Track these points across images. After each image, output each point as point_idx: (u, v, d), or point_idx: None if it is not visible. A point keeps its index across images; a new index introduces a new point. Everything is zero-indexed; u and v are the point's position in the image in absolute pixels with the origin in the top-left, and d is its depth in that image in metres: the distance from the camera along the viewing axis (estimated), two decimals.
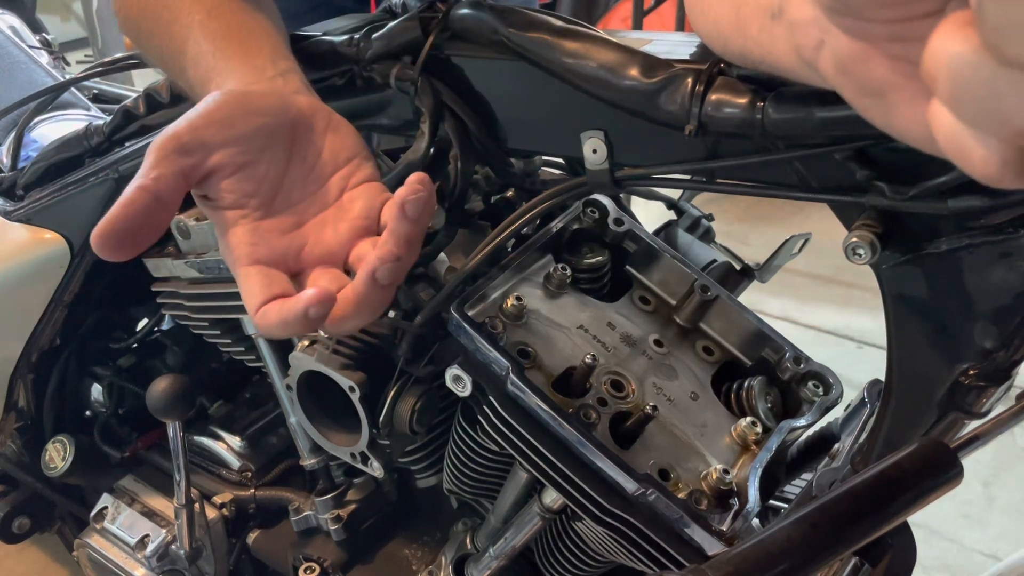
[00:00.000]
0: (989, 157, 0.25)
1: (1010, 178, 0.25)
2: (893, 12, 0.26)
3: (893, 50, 0.29)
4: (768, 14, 0.43)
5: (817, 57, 0.35)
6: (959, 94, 0.24)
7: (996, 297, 0.52)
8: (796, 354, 0.77)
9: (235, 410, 1.21)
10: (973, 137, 0.25)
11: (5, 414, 1.25)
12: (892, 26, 0.27)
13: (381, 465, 0.80)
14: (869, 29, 0.28)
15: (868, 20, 0.28)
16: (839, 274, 2.74)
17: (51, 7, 4.82)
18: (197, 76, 0.65)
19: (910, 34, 0.27)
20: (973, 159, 0.25)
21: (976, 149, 0.25)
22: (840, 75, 0.33)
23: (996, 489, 1.96)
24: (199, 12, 0.67)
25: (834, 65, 0.33)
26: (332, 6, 1.08)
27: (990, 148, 0.24)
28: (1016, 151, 0.24)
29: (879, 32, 0.28)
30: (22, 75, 1.57)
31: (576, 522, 0.75)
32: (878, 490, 0.44)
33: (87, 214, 1.05)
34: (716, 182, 0.62)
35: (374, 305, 0.53)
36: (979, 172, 0.25)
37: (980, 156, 0.25)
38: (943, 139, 0.26)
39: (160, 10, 0.70)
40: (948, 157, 0.26)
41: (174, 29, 0.68)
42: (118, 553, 1.13)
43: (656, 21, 3.37)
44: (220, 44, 0.65)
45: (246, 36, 0.66)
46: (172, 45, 0.69)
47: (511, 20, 0.66)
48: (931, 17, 0.25)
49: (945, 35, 0.23)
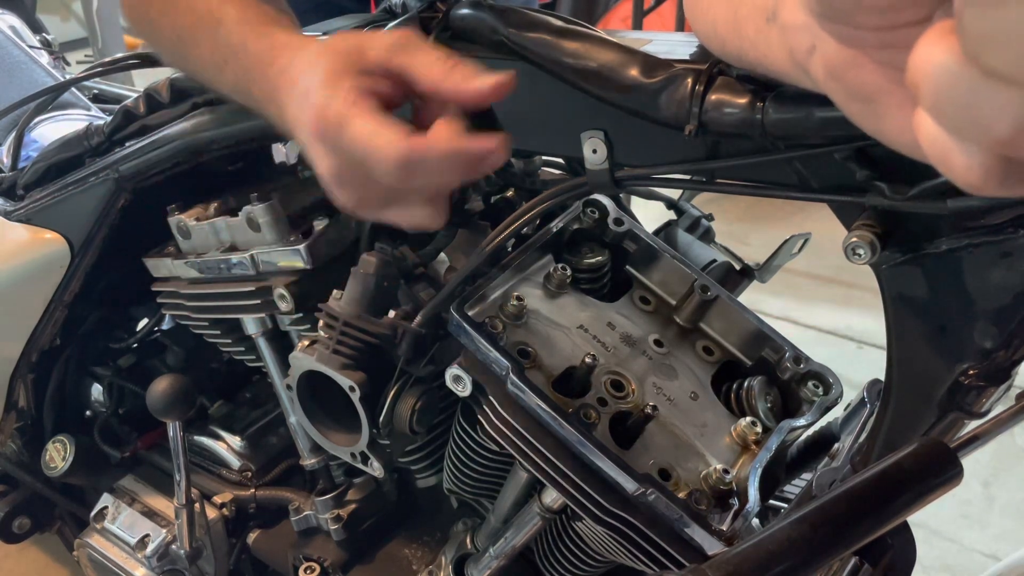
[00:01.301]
0: (971, 165, 0.25)
1: (992, 186, 0.25)
2: (881, 19, 0.27)
3: (882, 57, 0.29)
4: (764, 17, 0.43)
5: (809, 61, 0.35)
6: (941, 102, 0.24)
7: (996, 297, 0.52)
8: (796, 354, 0.77)
9: (235, 410, 1.21)
10: (955, 145, 0.25)
11: (5, 414, 1.25)
12: (881, 33, 0.27)
13: (381, 465, 0.80)
14: (859, 36, 0.29)
15: (858, 27, 0.28)
16: (839, 274, 2.74)
17: (51, 7, 4.82)
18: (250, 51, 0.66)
19: (898, 41, 0.27)
20: (956, 167, 0.25)
21: (959, 157, 0.25)
22: (830, 80, 0.33)
23: (996, 489, 1.96)
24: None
25: (825, 70, 0.33)
26: (332, 6, 1.08)
27: (972, 156, 0.24)
28: (997, 159, 0.24)
29: (868, 39, 0.28)
30: (22, 75, 1.57)
31: (576, 522, 0.75)
32: (878, 490, 0.44)
33: (87, 214, 1.05)
34: (716, 182, 0.62)
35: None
36: (962, 180, 0.25)
37: (962, 164, 0.25)
38: (927, 146, 0.26)
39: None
40: (933, 164, 0.26)
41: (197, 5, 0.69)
42: (118, 553, 1.13)
43: (656, 21, 3.37)
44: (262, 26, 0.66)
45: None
46: (195, 22, 0.70)
47: (511, 20, 0.66)
48: (919, 25, 0.25)
49: (929, 43, 0.24)
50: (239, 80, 0.66)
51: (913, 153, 0.29)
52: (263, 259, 0.90)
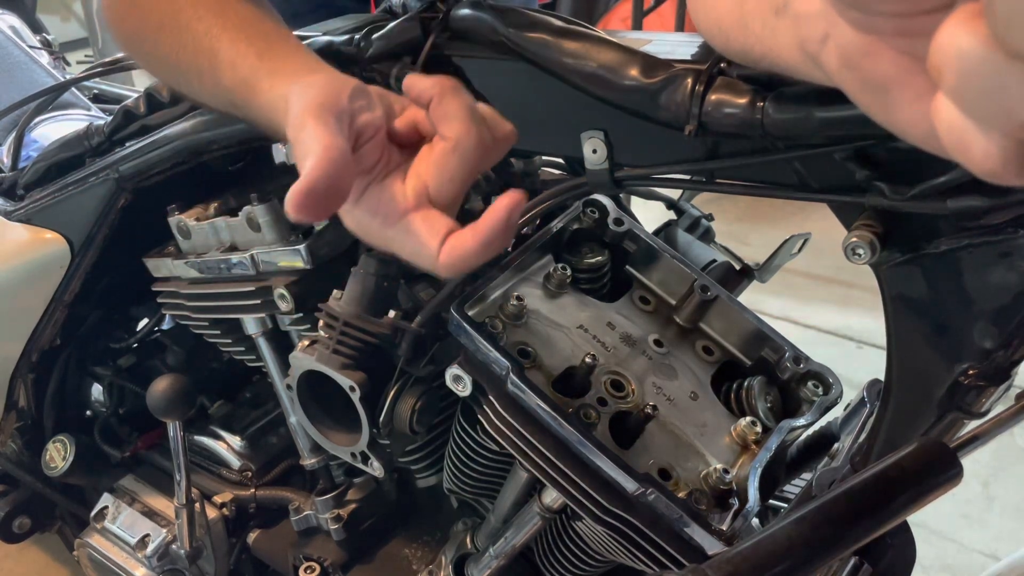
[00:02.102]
0: (991, 151, 0.25)
1: (1012, 173, 0.25)
2: (901, 6, 0.27)
3: (899, 45, 0.29)
4: (772, 10, 0.43)
5: (821, 51, 0.35)
6: (964, 86, 0.24)
7: (996, 297, 0.52)
8: (796, 354, 0.77)
9: (235, 410, 1.21)
10: (976, 131, 0.25)
11: (5, 414, 1.25)
12: (899, 21, 0.27)
13: (381, 465, 0.80)
14: (876, 23, 0.28)
15: (876, 14, 0.28)
16: (839, 274, 2.74)
17: (51, 7, 4.82)
18: (238, 77, 0.65)
19: (917, 29, 0.27)
20: (975, 153, 0.25)
21: (978, 143, 0.25)
22: (844, 69, 0.33)
23: (996, 489, 1.96)
24: (214, 15, 0.67)
25: (839, 59, 0.33)
26: (333, 6, 1.08)
27: (992, 142, 0.25)
28: (1018, 146, 0.24)
29: (886, 26, 0.28)
30: (22, 75, 1.57)
31: (576, 522, 0.75)
32: (878, 490, 0.44)
33: (87, 214, 1.05)
34: (716, 182, 0.62)
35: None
36: (980, 167, 0.25)
37: (982, 150, 0.25)
38: (945, 133, 0.26)
39: (169, 11, 0.70)
40: (949, 153, 0.26)
41: (196, 26, 0.68)
42: (118, 553, 1.13)
43: (656, 21, 3.36)
44: (262, 47, 0.65)
45: (284, 36, 0.67)
46: (190, 44, 0.69)
47: (511, 20, 0.66)
48: (938, 12, 0.25)
49: (953, 27, 0.24)
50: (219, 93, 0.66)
51: (926, 144, 0.29)
52: (263, 259, 0.90)
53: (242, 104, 0.64)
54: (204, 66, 0.67)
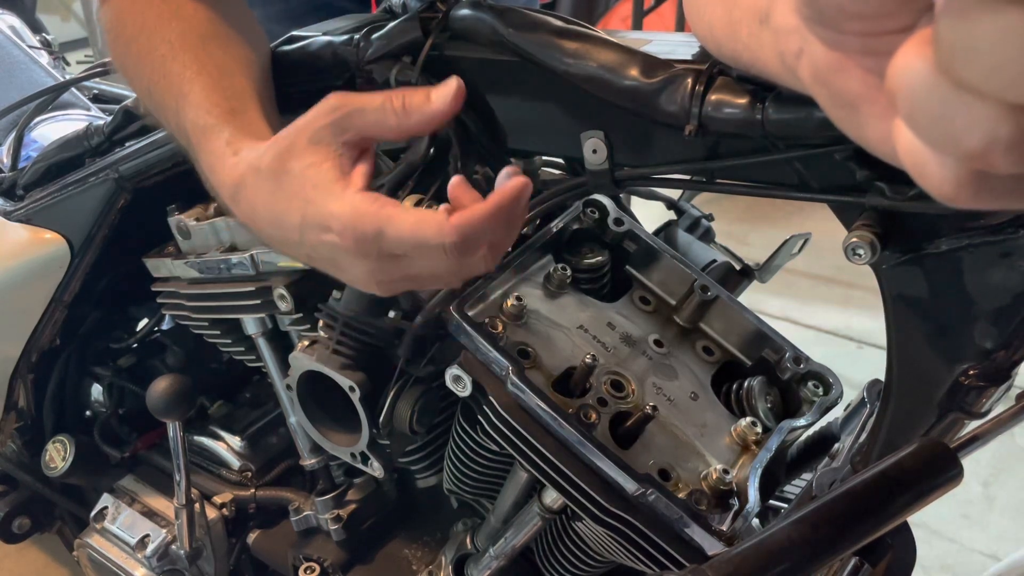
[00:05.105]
0: (945, 177, 0.25)
1: (965, 198, 0.25)
2: (866, 25, 0.27)
3: (867, 63, 0.29)
4: (756, 19, 0.43)
5: (797, 64, 0.36)
6: (915, 113, 0.24)
7: (996, 297, 0.52)
8: (796, 354, 0.77)
9: (235, 410, 1.21)
10: (930, 156, 0.25)
11: (5, 414, 1.25)
12: (865, 39, 0.27)
13: (381, 465, 0.80)
14: (844, 41, 0.29)
15: (843, 32, 0.28)
16: (839, 274, 2.74)
17: (51, 7, 4.82)
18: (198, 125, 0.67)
19: (882, 48, 0.27)
20: (930, 178, 0.25)
21: (933, 168, 0.25)
22: (816, 84, 0.33)
23: (996, 489, 1.96)
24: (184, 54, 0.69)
25: (811, 74, 0.33)
26: (333, 7, 1.08)
27: (946, 167, 0.24)
28: (970, 172, 0.24)
29: (853, 44, 0.28)
30: (22, 75, 1.57)
31: (576, 522, 0.75)
32: (878, 490, 0.44)
33: (87, 214, 1.05)
34: (716, 182, 0.62)
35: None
36: (936, 191, 0.25)
37: (936, 175, 0.25)
38: (904, 156, 0.26)
39: (155, 44, 0.71)
40: (909, 174, 0.26)
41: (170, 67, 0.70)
42: (118, 553, 1.13)
43: (656, 21, 3.37)
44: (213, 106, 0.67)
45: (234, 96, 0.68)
46: (162, 81, 0.71)
47: (511, 20, 0.66)
48: (903, 33, 0.25)
49: (906, 52, 0.24)
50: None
51: (894, 161, 0.29)
52: (263, 259, 0.90)
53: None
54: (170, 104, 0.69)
